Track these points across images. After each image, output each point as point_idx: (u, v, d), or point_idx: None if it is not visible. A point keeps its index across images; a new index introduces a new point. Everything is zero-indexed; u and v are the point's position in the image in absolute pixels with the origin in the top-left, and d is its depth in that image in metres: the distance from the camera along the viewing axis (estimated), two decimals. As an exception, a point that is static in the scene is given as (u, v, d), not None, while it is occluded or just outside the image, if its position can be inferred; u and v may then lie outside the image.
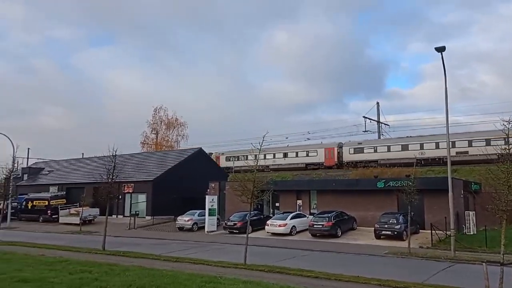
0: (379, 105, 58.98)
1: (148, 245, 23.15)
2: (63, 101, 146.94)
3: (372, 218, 26.33)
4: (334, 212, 26.15)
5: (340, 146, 48.65)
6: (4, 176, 29.18)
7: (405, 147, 42.53)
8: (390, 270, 14.90)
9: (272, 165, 50.58)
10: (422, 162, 40.20)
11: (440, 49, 19.52)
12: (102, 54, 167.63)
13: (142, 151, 61.32)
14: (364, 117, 57.26)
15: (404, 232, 22.77)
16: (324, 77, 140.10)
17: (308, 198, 31.45)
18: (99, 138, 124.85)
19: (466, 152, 38.61)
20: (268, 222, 27.55)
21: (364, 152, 45.74)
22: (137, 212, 36.36)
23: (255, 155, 16.73)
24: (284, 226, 26.58)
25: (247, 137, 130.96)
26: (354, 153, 46.10)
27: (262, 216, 30.05)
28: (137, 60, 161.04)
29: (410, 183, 19.73)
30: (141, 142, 65.87)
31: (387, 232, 23.63)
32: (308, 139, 57.90)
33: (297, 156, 50.43)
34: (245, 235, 18.10)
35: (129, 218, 34.58)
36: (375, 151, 44.96)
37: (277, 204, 32.76)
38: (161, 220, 35.65)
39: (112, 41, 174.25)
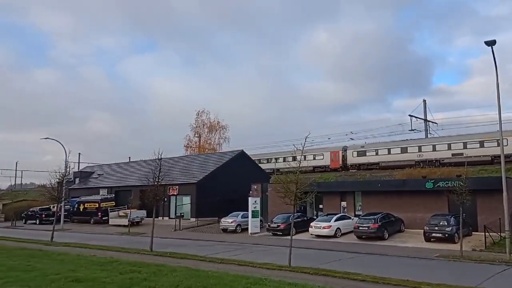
0: (425, 103, 56.88)
1: (194, 246, 23.49)
2: (110, 107, 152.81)
3: (421, 220, 25.42)
4: (381, 214, 25.48)
5: (344, 149, 50.30)
6: (58, 180, 30.55)
7: (404, 150, 44.26)
8: (441, 274, 14.34)
9: (282, 168, 50.38)
10: (421, 164, 41.80)
11: (490, 43, 18.62)
12: (146, 60, 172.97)
13: (186, 154, 62.54)
14: (410, 115, 55.38)
15: (456, 235, 21.84)
16: (366, 76, 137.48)
17: (352, 200, 30.86)
18: (144, 142, 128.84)
19: (461, 154, 39.80)
20: (312, 224, 27.27)
21: (366, 155, 47.28)
22: (182, 214, 37.05)
23: (294, 157, 16.60)
24: (329, 228, 26.21)
25: (288, 138, 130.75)
26: (357, 156, 47.77)
27: (305, 218, 29.77)
28: (179, 65, 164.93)
29: (462, 184, 18.94)
30: (184, 146, 67.27)
31: (438, 235, 22.75)
32: (352, 139, 56.89)
33: (305, 159, 50.72)
34: (288, 237, 18.03)
35: (174, 219, 35.30)
36: (377, 153, 46.09)
37: (320, 206, 32.37)
38: (205, 222, 36.13)
39: (154, 48, 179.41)
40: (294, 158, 46.41)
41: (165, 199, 36.47)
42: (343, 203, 31.05)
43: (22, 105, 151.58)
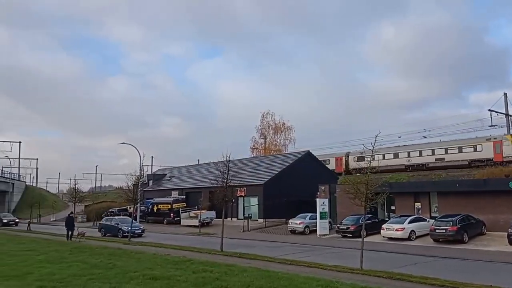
0: (506, 96, 52.61)
1: (262, 247, 23.61)
2: (179, 112, 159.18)
3: (505, 222, 23.56)
4: (459, 216, 23.95)
5: (347, 155, 52.99)
6: (133, 182, 32.24)
7: (396, 155, 46.54)
8: (531, 281, 13.13)
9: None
10: (410, 168, 44.24)
11: None
12: (211, 65, 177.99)
13: (252, 155, 63.25)
14: (489, 110, 51.44)
15: (545, 238, 19.99)
16: (438, 70, 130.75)
17: (427, 201, 29.34)
18: (211, 144, 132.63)
19: (443, 159, 41.89)
20: (384, 226, 26.32)
21: (365, 160, 45.90)
22: (250, 215, 37.47)
23: (360, 157, 16.07)
24: (402, 230, 25.15)
25: (355, 137, 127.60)
26: (357, 161, 49.28)
27: (376, 220, 28.82)
28: (243, 69, 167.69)
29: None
30: (250, 147, 68.08)
31: (524, 238, 20.97)
32: (424, 137, 54.13)
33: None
34: (359, 239, 17.52)
35: (242, 220, 35.80)
36: (373, 159, 44.58)
37: (392, 207, 31.16)
38: (273, 223, 36.23)
39: (219, 53, 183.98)
40: (362, 159, 46.44)
41: (234, 200, 37.10)
42: (417, 204, 29.64)
43: (100, 113, 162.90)
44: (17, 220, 50.94)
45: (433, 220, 25.50)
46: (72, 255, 17.97)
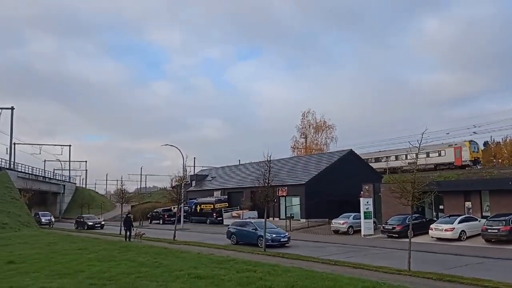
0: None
1: (305, 247, 23.43)
2: (220, 114, 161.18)
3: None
4: (513, 215, 22.78)
5: None
6: (177, 183, 32.89)
7: (377, 159, 51.28)
8: None
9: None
10: (387, 171, 47.02)
11: None
12: (250, 67, 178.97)
13: (293, 155, 62.94)
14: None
15: None
16: (486, 64, 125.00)
17: (478, 200, 28.07)
18: (251, 145, 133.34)
19: (414, 163, 41.63)
20: (432, 226, 25.45)
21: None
22: (292, 215, 37.29)
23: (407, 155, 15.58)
24: (452, 230, 24.22)
25: (401, 135, 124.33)
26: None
27: (424, 220, 27.90)
28: (282, 69, 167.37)
29: None
30: (291, 147, 67.70)
31: None
32: (475, 133, 51.89)
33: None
34: (405, 240, 17.06)
35: (284, 220, 35.68)
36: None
37: (441, 207, 30.06)
38: (315, 223, 35.89)
39: (258, 54, 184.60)
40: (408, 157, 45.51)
41: (275, 200, 37.09)
42: (468, 204, 28.44)
43: (144, 116, 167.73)
44: (103, 223, 46.33)
45: (485, 220, 24.44)
46: (121, 253, 18.54)
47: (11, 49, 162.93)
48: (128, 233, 27.99)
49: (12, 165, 55.74)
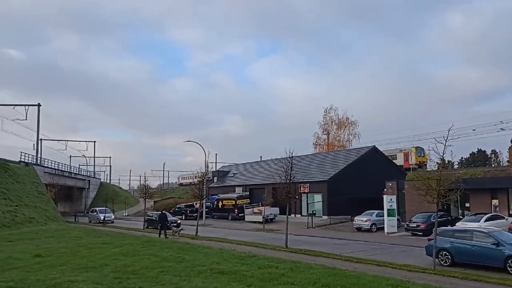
0: None
1: (327, 244, 23.28)
2: (240, 110, 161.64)
3: None
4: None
5: None
6: (199, 179, 33.08)
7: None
8: None
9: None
10: None
11: None
12: (270, 62, 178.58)
13: (315, 152, 62.51)
14: None
15: None
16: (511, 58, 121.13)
17: (506, 197, 27.29)
18: (272, 141, 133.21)
19: None
20: (458, 224, 24.86)
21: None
22: (314, 212, 37.10)
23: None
24: (478, 229, 23.54)
25: (425, 131, 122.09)
26: None
27: (449, 218, 27.29)
28: (303, 65, 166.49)
29: None
30: (313, 143, 67.15)
31: None
32: (502, 129, 50.44)
33: None
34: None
35: (306, 217, 35.53)
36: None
37: (467, 205, 29.37)
38: (338, 220, 35.62)
39: (278, 50, 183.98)
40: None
41: (297, 197, 36.95)
42: (495, 201, 27.69)
43: (165, 113, 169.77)
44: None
45: (512, 218, 23.63)
46: (144, 248, 18.78)
47: (35, 47, 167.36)
48: (162, 230, 26.94)
49: (39, 161, 57.14)
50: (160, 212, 30.48)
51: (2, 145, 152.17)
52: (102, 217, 44.82)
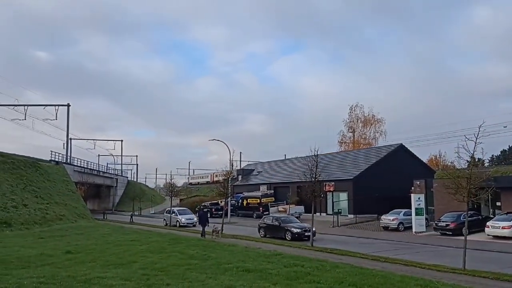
0: None
1: (354, 243, 23.04)
2: (263, 109, 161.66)
3: None
4: None
5: None
6: (224, 177, 33.25)
7: None
8: None
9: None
10: None
11: None
12: (294, 61, 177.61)
13: (340, 150, 61.93)
14: None
15: None
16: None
17: (539, 196, 26.43)
18: (296, 139, 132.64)
19: None
20: (489, 223, 24.25)
21: None
22: (339, 210, 36.78)
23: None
24: (510, 228, 23.03)
25: (453, 129, 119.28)
26: None
27: (479, 217, 26.65)
28: (326, 62, 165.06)
29: None
30: (338, 141, 66.57)
31: None
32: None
33: None
34: (459, 237, 16.36)
35: (332, 216, 35.26)
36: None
37: (498, 204, 28.53)
38: (364, 219, 35.22)
39: (301, 48, 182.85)
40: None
41: (322, 196, 36.70)
42: (527, 200, 26.82)
43: (189, 112, 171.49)
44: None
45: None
46: (171, 245, 19.03)
47: (63, 49, 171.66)
48: (203, 228, 25.72)
49: (69, 160, 58.60)
50: (201, 211, 29.34)
51: (33, 145, 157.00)
52: (183, 220, 35.87)
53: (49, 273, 11.18)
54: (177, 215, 36.65)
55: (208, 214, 28.41)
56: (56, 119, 54.15)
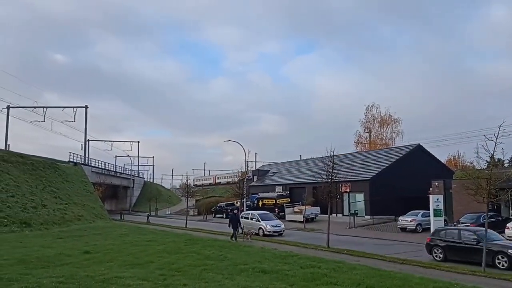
0: None
1: (370, 244, 22.80)
2: (278, 109, 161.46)
3: None
4: None
5: None
6: (239, 178, 33.29)
7: None
8: None
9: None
10: None
11: None
12: (307, 61, 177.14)
13: (356, 150, 61.42)
14: None
15: None
16: None
17: (562, 197, 25.74)
18: (311, 139, 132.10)
19: None
20: (509, 225, 23.71)
21: None
22: (356, 212, 36.45)
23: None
24: (531, 230, 22.37)
25: (472, 128, 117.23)
26: None
27: (500, 218, 26.10)
28: (340, 62, 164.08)
29: None
30: (354, 142, 66.01)
31: None
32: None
33: None
34: (480, 239, 15.95)
35: (348, 217, 34.96)
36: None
37: (518, 205, 27.92)
38: (381, 220, 34.82)
39: (314, 48, 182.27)
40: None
41: (338, 196, 36.40)
42: (549, 202, 26.16)
43: (204, 112, 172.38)
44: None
45: None
46: (187, 246, 19.14)
47: (79, 51, 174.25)
48: (234, 231, 23.95)
49: (86, 161, 59.47)
50: (232, 212, 28.08)
51: (52, 146, 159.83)
52: (268, 227, 28.07)
53: (68, 272, 11.33)
54: (259, 221, 28.91)
55: (239, 216, 26.37)
56: (74, 121, 55.07)
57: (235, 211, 29.84)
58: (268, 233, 27.60)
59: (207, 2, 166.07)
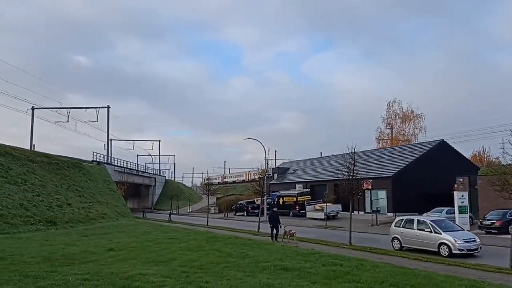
0: None
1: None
2: (297, 106, 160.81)
3: None
4: None
5: None
6: (260, 176, 33.31)
7: None
8: None
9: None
10: None
11: None
12: (326, 58, 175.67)
13: (378, 147, 60.65)
14: None
15: None
16: None
17: None
18: (331, 137, 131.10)
19: None
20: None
21: None
22: (378, 209, 36.02)
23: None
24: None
25: (497, 123, 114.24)
26: None
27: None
28: (359, 59, 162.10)
29: None
30: (376, 138, 65.17)
31: None
32: None
33: None
34: (505, 236, 15.68)
35: (370, 214, 34.59)
36: None
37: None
38: (404, 217, 34.28)
39: (333, 45, 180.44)
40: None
41: (360, 194, 36.00)
42: None
43: (224, 111, 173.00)
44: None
45: None
46: (209, 244, 19.24)
47: (101, 53, 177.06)
48: (275, 231, 23.30)
49: (109, 160, 60.45)
50: (271, 211, 27.17)
51: (76, 146, 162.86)
52: (459, 243, 16.93)
53: (92, 270, 11.53)
54: (437, 233, 17.69)
55: (278, 215, 24.70)
56: (97, 121, 56.10)
57: (274, 209, 28.88)
58: (458, 252, 16.87)
59: (225, 2, 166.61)
